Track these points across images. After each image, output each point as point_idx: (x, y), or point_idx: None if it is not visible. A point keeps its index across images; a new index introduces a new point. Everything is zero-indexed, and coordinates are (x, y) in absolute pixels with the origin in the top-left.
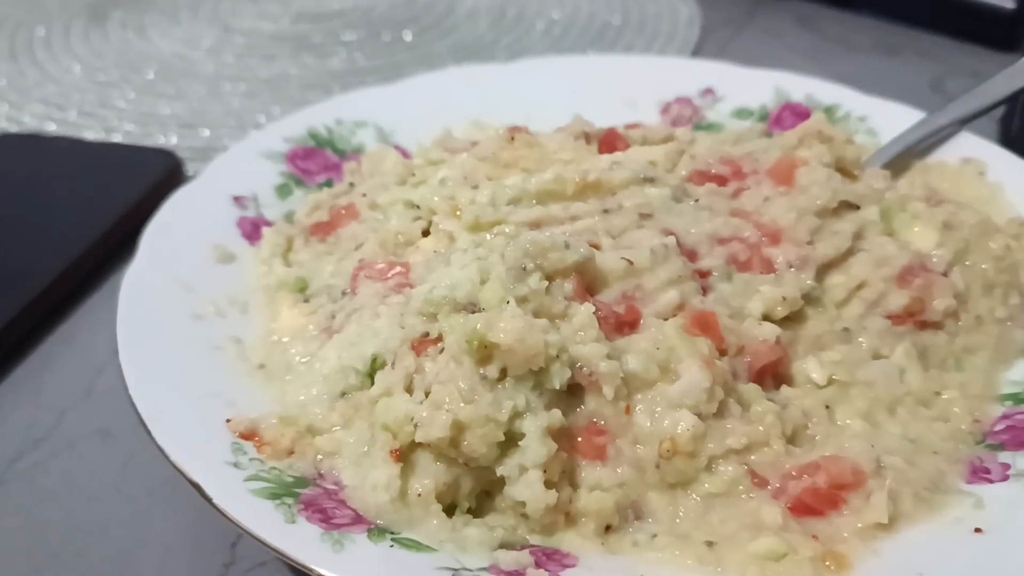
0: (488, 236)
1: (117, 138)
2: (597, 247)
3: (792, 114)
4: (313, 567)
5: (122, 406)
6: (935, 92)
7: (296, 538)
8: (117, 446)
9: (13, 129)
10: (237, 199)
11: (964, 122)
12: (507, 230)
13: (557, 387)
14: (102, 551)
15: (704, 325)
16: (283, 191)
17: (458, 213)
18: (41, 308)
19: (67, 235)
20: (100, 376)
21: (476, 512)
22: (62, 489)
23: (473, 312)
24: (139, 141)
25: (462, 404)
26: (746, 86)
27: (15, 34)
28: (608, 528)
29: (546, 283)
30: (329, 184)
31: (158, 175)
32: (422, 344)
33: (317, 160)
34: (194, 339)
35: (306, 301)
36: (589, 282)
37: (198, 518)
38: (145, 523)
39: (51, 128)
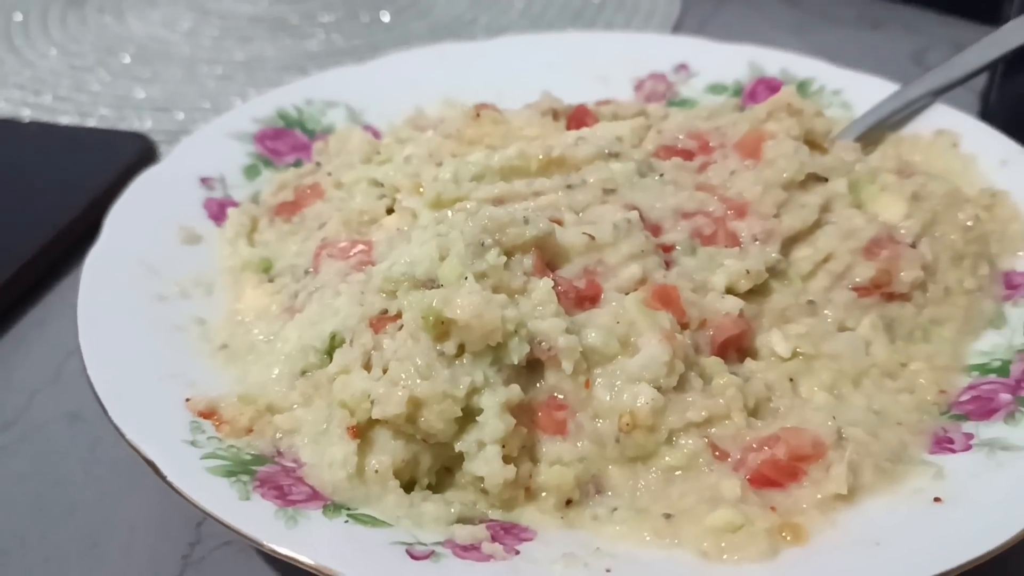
0: (449, 213)
1: (92, 122)
2: (560, 222)
3: (766, 88)
4: (264, 543)
5: (91, 389)
6: (917, 65)
7: (249, 515)
8: (85, 429)
9: None
10: (204, 180)
11: (939, 93)
12: (469, 206)
13: (516, 362)
14: (67, 533)
15: (665, 299)
16: (251, 172)
17: (421, 190)
18: (12, 292)
19: (38, 219)
20: (70, 359)
21: (437, 488)
22: (29, 471)
23: (432, 288)
24: (114, 125)
25: (419, 380)
26: (720, 61)
27: None
28: (568, 502)
29: (505, 259)
30: (298, 164)
31: (131, 159)
32: (381, 321)
33: (286, 140)
34: (156, 320)
35: (270, 281)
36: (550, 257)
37: (164, 499)
38: (111, 505)
39: (26, 113)
